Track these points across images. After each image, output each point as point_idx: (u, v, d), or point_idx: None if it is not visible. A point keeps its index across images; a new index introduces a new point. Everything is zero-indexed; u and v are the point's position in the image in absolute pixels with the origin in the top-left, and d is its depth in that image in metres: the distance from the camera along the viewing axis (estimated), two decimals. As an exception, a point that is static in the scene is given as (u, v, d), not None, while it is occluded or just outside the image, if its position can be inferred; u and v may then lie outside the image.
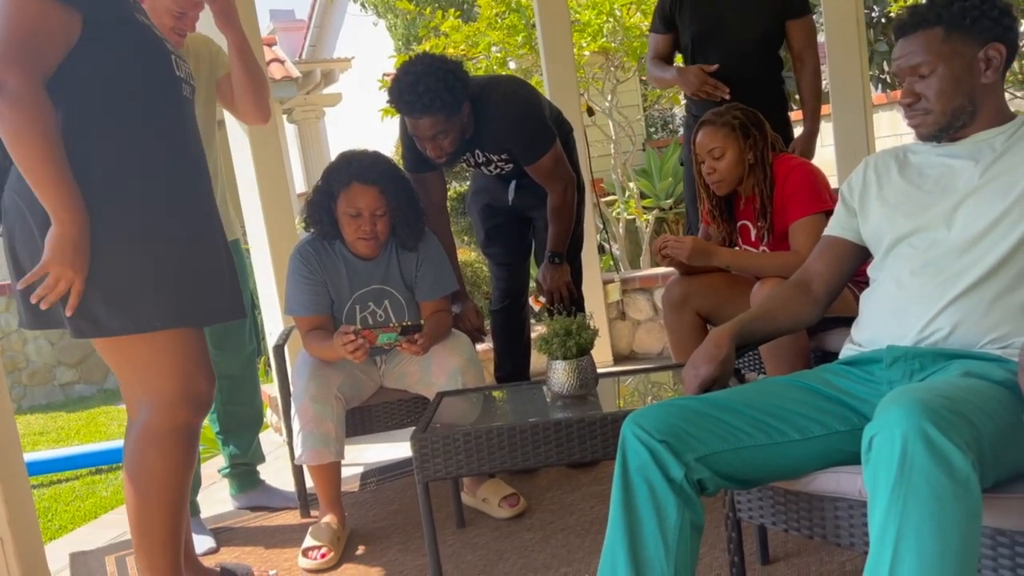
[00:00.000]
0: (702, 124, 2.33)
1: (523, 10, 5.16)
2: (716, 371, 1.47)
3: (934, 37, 1.41)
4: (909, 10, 1.46)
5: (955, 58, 1.40)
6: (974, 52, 1.41)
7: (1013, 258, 1.35)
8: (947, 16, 1.40)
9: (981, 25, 1.40)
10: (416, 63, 2.29)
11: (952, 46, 1.40)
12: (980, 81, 1.42)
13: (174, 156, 1.59)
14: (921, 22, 1.42)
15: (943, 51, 1.40)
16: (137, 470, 1.61)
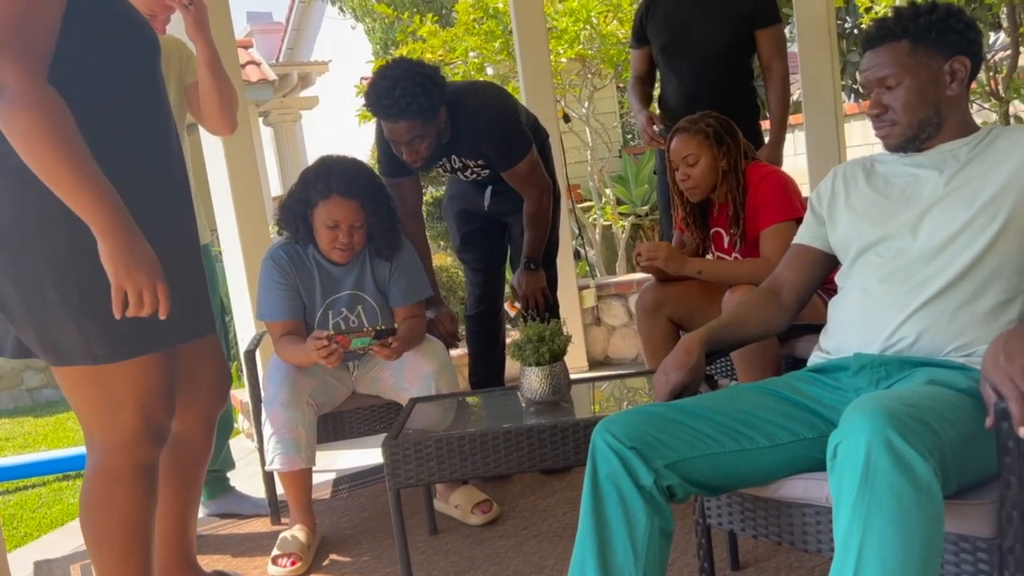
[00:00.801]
0: (676, 131, 2.35)
1: (500, 16, 5.17)
2: (686, 378, 1.48)
3: (901, 50, 1.43)
4: (876, 23, 1.49)
5: (921, 70, 1.43)
6: (939, 65, 1.43)
7: (977, 267, 1.37)
8: (913, 29, 1.43)
9: (946, 39, 1.43)
10: (393, 67, 2.28)
11: (918, 59, 1.43)
12: (945, 93, 1.44)
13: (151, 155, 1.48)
14: (888, 35, 1.45)
15: (909, 63, 1.43)
16: (97, 512, 1.49)
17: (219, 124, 1.99)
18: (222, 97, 1.93)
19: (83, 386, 1.46)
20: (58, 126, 1.26)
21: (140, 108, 1.48)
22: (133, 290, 1.33)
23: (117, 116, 1.43)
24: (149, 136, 1.50)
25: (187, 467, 1.76)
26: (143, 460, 1.50)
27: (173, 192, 1.56)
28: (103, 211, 1.29)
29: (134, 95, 1.47)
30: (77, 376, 1.45)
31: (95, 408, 1.47)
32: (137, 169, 1.45)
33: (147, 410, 1.48)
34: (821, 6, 3.47)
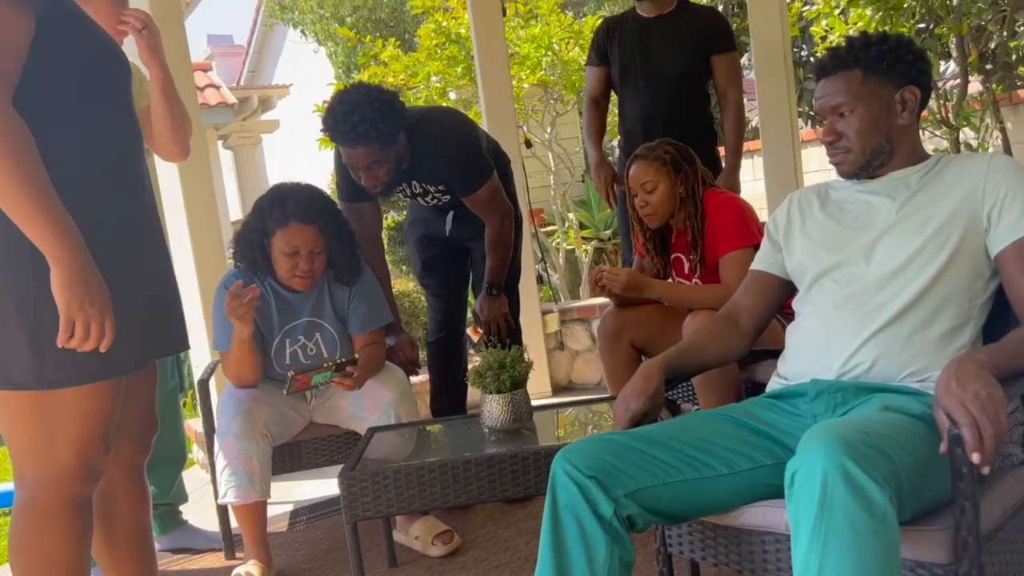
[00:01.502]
0: (635, 158, 2.37)
1: (463, 41, 5.20)
2: (646, 405, 1.47)
3: (853, 79, 1.46)
4: (830, 52, 1.51)
5: (873, 99, 1.45)
6: (891, 94, 1.46)
7: (929, 293, 1.39)
8: (865, 59, 1.46)
9: (897, 69, 1.46)
10: (351, 92, 2.27)
11: (870, 87, 1.45)
12: (897, 122, 1.47)
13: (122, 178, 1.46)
14: (841, 64, 1.47)
15: (862, 92, 1.45)
16: (27, 553, 1.40)
17: (172, 150, 1.95)
18: (175, 123, 1.90)
19: (24, 415, 1.40)
20: (18, 151, 1.25)
21: (110, 131, 1.46)
22: (82, 322, 1.31)
23: (87, 139, 1.41)
24: (120, 159, 1.48)
25: (117, 527, 1.61)
26: (77, 496, 1.43)
27: (145, 213, 1.53)
28: (59, 242, 1.28)
29: (104, 118, 1.45)
30: (19, 403, 1.39)
31: (32, 439, 1.41)
32: (108, 192, 1.44)
33: (85, 446, 1.42)
34: (777, 35, 3.54)
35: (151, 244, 1.54)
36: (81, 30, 1.42)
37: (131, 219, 1.49)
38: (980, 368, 1.16)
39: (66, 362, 1.36)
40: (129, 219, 1.48)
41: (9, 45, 1.28)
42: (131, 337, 1.44)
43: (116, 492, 1.60)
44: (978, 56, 4.61)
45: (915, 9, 4.38)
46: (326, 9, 9.88)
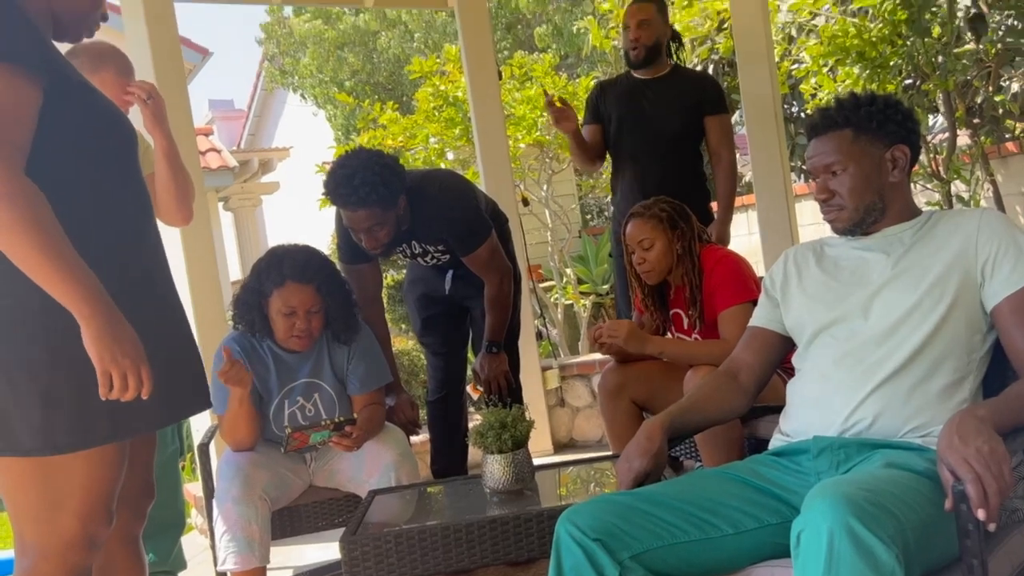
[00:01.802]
0: (631, 216, 2.40)
1: (460, 104, 5.30)
2: (649, 465, 1.46)
3: (844, 138, 1.49)
4: (820, 112, 1.55)
5: (864, 158, 1.48)
6: (881, 153, 1.49)
7: (928, 347, 1.40)
8: (855, 119, 1.49)
9: (886, 128, 1.49)
10: (352, 157, 2.31)
11: (861, 147, 1.49)
12: (888, 180, 1.50)
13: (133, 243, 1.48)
14: (831, 124, 1.51)
15: (853, 151, 1.48)
16: None
17: (175, 216, 1.98)
18: (179, 189, 1.93)
19: (27, 482, 1.38)
20: (36, 217, 1.28)
21: (120, 197, 1.49)
22: (118, 373, 1.32)
23: (97, 205, 1.44)
24: (131, 224, 1.50)
25: None
26: (78, 566, 1.42)
27: (159, 274, 1.56)
28: (85, 297, 1.30)
29: (113, 184, 1.48)
30: (23, 470, 1.38)
31: (34, 507, 1.40)
32: (119, 256, 1.46)
33: (88, 515, 1.41)
34: (767, 93, 3.62)
35: (165, 305, 1.55)
36: (88, 100, 1.46)
37: (144, 280, 1.50)
38: (981, 423, 1.16)
39: (76, 426, 1.36)
40: (142, 280, 1.49)
41: (20, 115, 1.31)
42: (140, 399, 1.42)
43: (114, 562, 1.58)
44: (965, 110, 4.71)
45: (901, 67, 4.49)
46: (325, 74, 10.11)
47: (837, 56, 4.50)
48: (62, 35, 1.50)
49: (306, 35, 10.15)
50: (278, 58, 10.82)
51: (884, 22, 4.43)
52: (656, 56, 3.07)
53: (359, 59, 9.98)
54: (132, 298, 1.44)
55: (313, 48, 10.12)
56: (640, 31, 3.03)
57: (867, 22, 4.57)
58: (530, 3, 9.32)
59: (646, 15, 3.04)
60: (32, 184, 1.30)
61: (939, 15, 4.43)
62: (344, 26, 9.99)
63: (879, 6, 4.42)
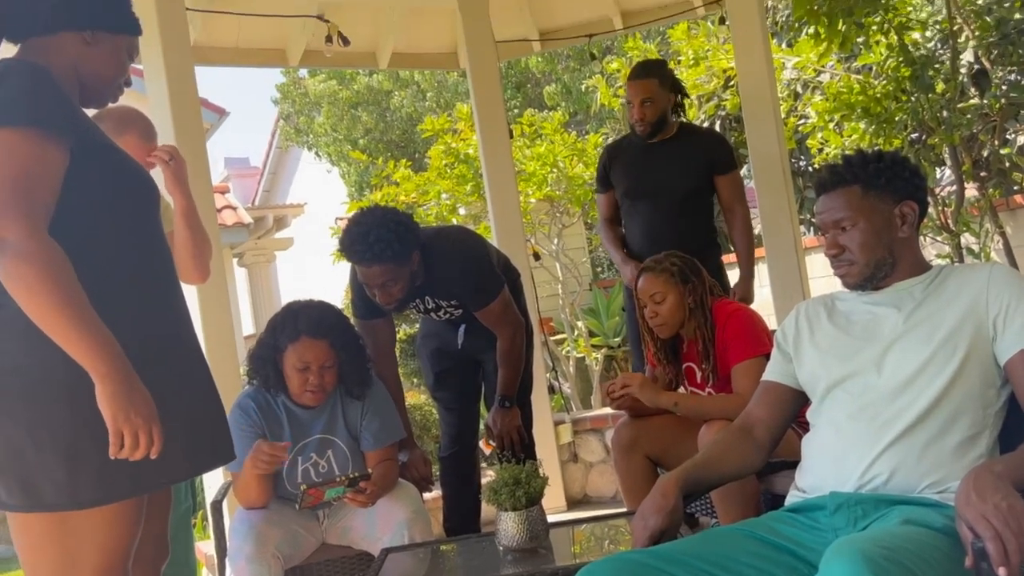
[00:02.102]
0: (643, 271, 2.42)
1: (471, 161, 5.39)
2: (665, 522, 1.45)
3: (853, 194, 1.51)
4: (828, 169, 1.57)
5: (873, 214, 1.50)
6: (890, 209, 1.51)
7: (942, 403, 1.40)
8: (864, 176, 1.51)
9: (894, 185, 1.51)
10: (367, 214, 2.36)
11: (870, 203, 1.50)
12: (897, 235, 1.51)
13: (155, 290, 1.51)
14: (840, 181, 1.52)
15: (863, 207, 1.50)
16: None
17: (192, 274, 2.01)
18: (197, 248, 1.96)
19: (45, 540, 1.39)
20: (58, 277, 1.31)
21: (144, 253, 1.52)
22: (130, 432, 1.34)
23: (121, 262, 1.47)
24: (155, 281, 1.53)
25: None
26: None
27: (181, 328, 1.58)
28: (102, 356, 1.33)
29: (137, 242, 1.51)
30: (41, 528, 1.38)
31: (52, 565, 1.40)
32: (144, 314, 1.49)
33: (104, 573, 1.40)
34: (774, 148, 3.67)
35: (190, 360, 1.57)
36: (113, 159, 1.50)
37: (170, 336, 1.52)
38: (999, 479, 1.15)
39: (99, 482, 1.37)
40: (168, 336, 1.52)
41: (45, 177, 1.35)
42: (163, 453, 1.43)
43: None
44: (972, 164, 4.75)
45: (907, 122, 4.54)
46: (339, 132, 10.31)
47: (842, 112, 4.57)
48: (88, 101, 1.55)
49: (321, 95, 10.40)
50: (293, 117, 11.06)
51: (888, 79, 4.50)
52: (663, 125, 3.09)
53: (372, 118, 10.19)
54: (158, 354, 1.47)
55: (328, 107, 10.35)
56: (644, 110, 3.04)
57: (871, 79, 4.65)
58: (539, 63, 9.54)
59: (648, 93, 3.03)
60: (54, 243, 1.33)
61: (942, 71, 4.51)
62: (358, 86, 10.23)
63: (882, 63, 4.50)
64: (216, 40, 3.72)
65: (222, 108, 8.26)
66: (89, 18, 1.48)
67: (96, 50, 1.50)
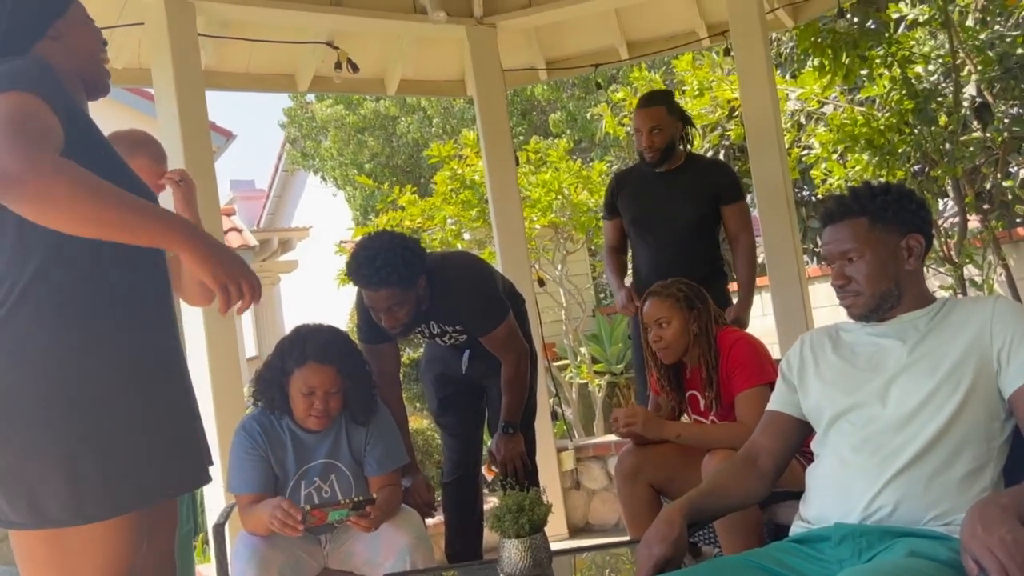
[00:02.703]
0: (649, 295, 2.43)
1: (476, 187, 5.43)
2: (669, 551, 1.45)
3: (860, 226, 1.52)
4: (835, 200, 1.58)
5: (880, 246, 1.51)
6: (896, 241, 1.52)
7: (947, 435, 1.40)
8: (871, 208, 1.52)
9: (901, 217, 1.52)
10: (374, 239, 2.38)
11: (877, 235, 1.51)
12: (904, 267, 1.52)
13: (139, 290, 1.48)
14: (847, 212, 1.53)
15: (870, 239, 1.51)
16: None
17: (198, 296, 2.01)
18: None
19: (46, 559, 1.38)
20: (88, 179, 1.24)
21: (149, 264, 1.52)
22: (234, 284, 1.33)
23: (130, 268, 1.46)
24: (161, 292, 1.54)
25: None
26: None
27: (180, 346, 1.58)
28: (173, 230, 1.30)
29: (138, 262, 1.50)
30: (44, 547, 1.37)
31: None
32: (154, 321, 1.49)
33: None
34: (778, 178, 3.70)
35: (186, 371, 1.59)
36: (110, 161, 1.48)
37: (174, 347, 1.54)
38: (1004, 512, 1.16)
39: (103, 496, 1.36)
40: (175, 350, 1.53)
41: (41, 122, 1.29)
42: (163, 463, 1.44)
43: None
44: (975, 196, 4.78)
45: (910, 154, 4.58)
46: (346, 157, 10.38)
47: (846, 143, 4.61)
48: (92, 92, 1.54)
49: (328, 119, 10.48)
50: (300, 141, 11.15)
51: (891, 111, 4.55)
52: (671, 153, 3.11)
53: (379, 143, 10.26)
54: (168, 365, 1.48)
55: (334, 132, 10.43)
56: (653, 137, 3.06)
57: (874, 111, 4.69)
58: (545, 91, 9.63)
59: (657, 121, 3.06)
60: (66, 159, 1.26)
61: (945, 104, 4.55)
62: (365, 111, 10.32)
63: (886, 96, 4.55)
64: (227, 65, 3.77)
65: (229, 131, 8.34)
66: (37, 18, 1.44)
67: (68, 37, 1.47)
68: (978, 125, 4.58)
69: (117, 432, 1.39)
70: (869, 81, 4.58)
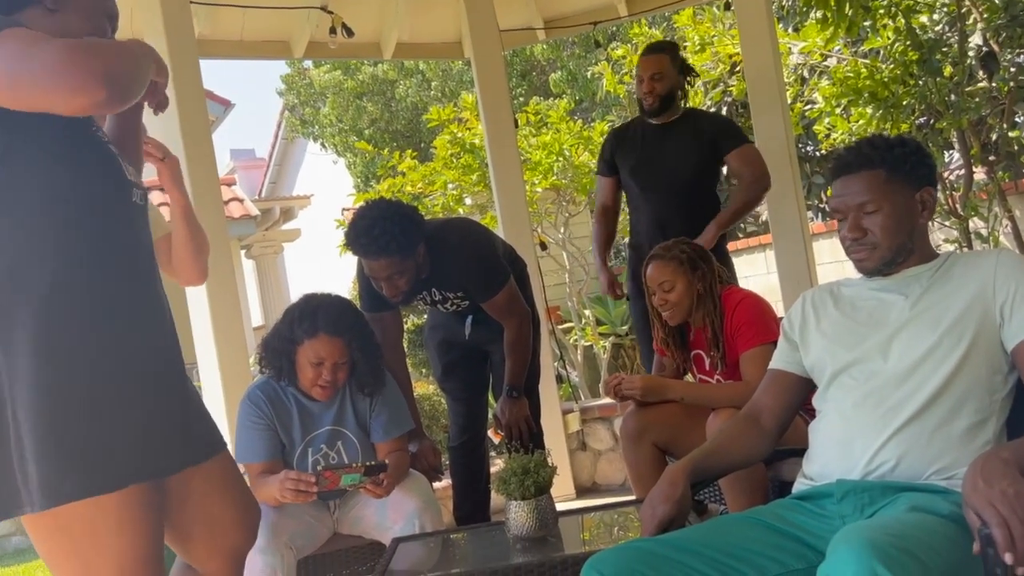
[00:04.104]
0: (651, 258, 2.42)
1: (477, 151, 5.39)
2: (673, 510, 1.46)
3: (877, 178, 1.48)
4: (852, 151, 1.54)
5: (898, 198, 1.48)
6: (911, 194, 1.50)
7: (948, 389, 1.40)
8: (889, 160, 1.49)
9: (917, 171, 1.50)
10: (372, 208, 2.36)
11: (894, 187, 1.48)
12: (918, 221, 1.51)
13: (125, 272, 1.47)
14: (865, 163, 1.49)
15: (887, 191, 1.48)
16: None
17: (191, 274, 1.97)
18: (196, 247, 1.93)
19: (59, 550, 1.38)
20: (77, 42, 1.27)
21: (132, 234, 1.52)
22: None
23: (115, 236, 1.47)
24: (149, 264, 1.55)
25: None
26: None
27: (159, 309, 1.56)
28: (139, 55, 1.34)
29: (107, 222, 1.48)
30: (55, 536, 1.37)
31: (72, 570, 1.39)
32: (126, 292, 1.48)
33: (128, 570, 1.39)
34: (781, 133, 3.66)
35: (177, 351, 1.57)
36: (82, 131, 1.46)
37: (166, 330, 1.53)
38: (1006, 465, 1.16)
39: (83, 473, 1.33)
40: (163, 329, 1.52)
41: None
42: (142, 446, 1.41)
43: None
44: (980, 147, 4.72)
45: (914, 106, 4.52)
46: (345, 123, 10.29)
47: (849, 97, 4.55)
48: None
49: (326, 85, 10.38)
50: (298, 108, 11.06)
51: (895, 62, 4.47)
52: (670, 103, 3.11)
53: (378, 108, 10.17)
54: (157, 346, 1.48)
55: (333, 98, 10.33)
56: (654, 83, 3.07)
57: (878, 63, 4.62)
58: (544, 51, 9.50)
59: (659, 68, 3.07)
60: None
61: (950, 55, 4.48)
62: (363, 76, 10.21)
63: (890, 47, 4.47)
64: (220, 33, 3.72)
65: (227, 100, 8.26)
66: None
67: (64, 14, 1.44)
68: (984, 75, 4.51)
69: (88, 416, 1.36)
70: (873, 32, 4.50)
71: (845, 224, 1.52)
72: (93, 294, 1.41)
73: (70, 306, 1.38)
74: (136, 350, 1.45)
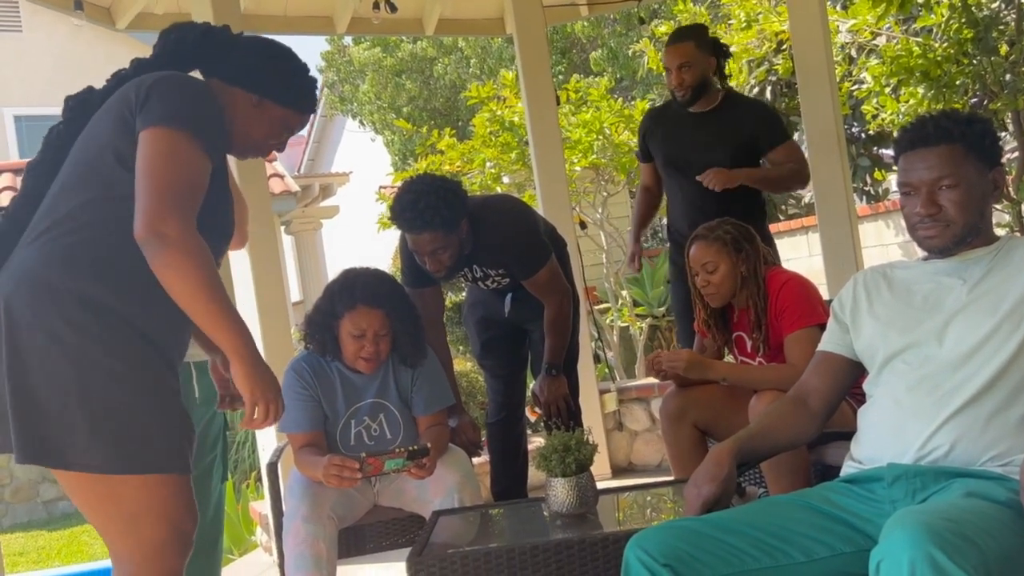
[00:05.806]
0: (695, 239, 2.39)
1: (516, 129, 5.36)
2: (718, 490, 1.45)
3: (957, 152, 1.42)
4: (929, 122, 1.46)
5: (975, 175, 1.43)
6: (986, 173, 1.45)
7: (1006, 375, 1.36)
8: (969, 135, 1.43)
9: (992, 150, 1.45)
10: (417, 182, 2.37)
11: (971, 164, 1.43)
12: (990, 201, 1.47)
13: None
14: (944, 136, 1.42)
15: (966, 167, 1.42)
16: None
17: (235, 239, 2.03)
18: (238, 213, 1.98)
19: (103, 502, 1.45)
20: (209, 268, 1.44)
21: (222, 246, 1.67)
22: (263, 409, 1.48)
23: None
24: None
25: None
26: (171, 568, 1.48)
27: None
28: (240, 338, 1.45)
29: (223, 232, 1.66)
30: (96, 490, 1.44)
31: (118, 523, 1.47)
32: None
33: (174, 520, 1.48)
34: (829, 113, 3.57)
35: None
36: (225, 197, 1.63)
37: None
38: (1065, 453, 1.13)
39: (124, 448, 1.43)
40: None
41: (199, 182, 1.49)
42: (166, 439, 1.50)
43: None
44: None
45: (968, 86, 4.39)
46: (383, 100, 10.31)
47: (900, 76, 4.44)
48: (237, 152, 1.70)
49: (365, 63, 10.39)
50: (337, 85, 11.09)
51: (949, 41, 4.35)
52: (704, 91, 2.98)
53: (416, 85, 10.16)
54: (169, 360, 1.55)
55: (372, 75, 10.35)
56: (683, 74, 2.93)
57: (931, 41, 4.49)
58: (585, 28, 9.40)
59: (686, 58, 2.93)
60: (203, 240, 1.46)
61: (1007, 33, 4.34)
62: (402, 53, 10.20)
63: (943, 25, 4.35)
64: (265, 8, 3.74)
65: (269, 77, 8.30)
66: (262, 86, 1.61)
67: (257, 112, 1.62)
68: (1042, 54, 4.36)
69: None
70: (926, 10, 4.37)
71: (915, 199, 1.45)
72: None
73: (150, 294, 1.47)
74: (182, 344, 1.60)
